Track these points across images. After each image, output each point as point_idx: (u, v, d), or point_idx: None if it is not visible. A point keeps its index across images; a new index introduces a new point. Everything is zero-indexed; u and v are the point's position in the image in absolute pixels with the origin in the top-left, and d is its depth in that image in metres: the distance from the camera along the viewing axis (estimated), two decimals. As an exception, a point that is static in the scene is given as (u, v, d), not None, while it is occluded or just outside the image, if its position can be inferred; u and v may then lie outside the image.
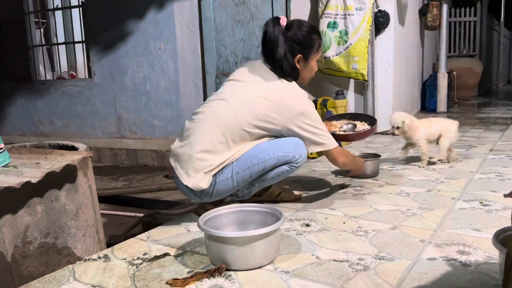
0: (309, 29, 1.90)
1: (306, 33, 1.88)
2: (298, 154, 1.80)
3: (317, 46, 1.93)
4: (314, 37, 1.91)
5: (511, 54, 14.84)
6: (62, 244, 1.68)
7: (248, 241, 1.35)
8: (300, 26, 1.89)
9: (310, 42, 1.89)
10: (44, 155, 1.79)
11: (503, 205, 1.93)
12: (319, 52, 1.96)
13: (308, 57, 1.90)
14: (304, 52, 1.88)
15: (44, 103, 5.79)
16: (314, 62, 1.95)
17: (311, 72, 1.97)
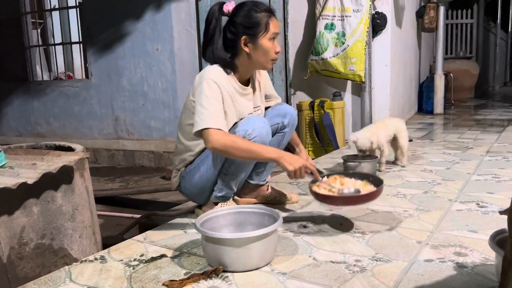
0: (254, 8, 1.76)
1: (249, 12, 1.75)
2: (248, 127, 1.72)
3: (264, 24, 1.75)
4: (258, 15, 1.75)
5: (508, 56, 14.90)
6: (59, 245, 1.67)
7: (245, 242, 1.34)
8: (241, 6, 1.78)
9: (254, 20, 1.74)
10: (41, 156, 1.79)
11: (499, 206, 1.94)
12: (269, 31, 1.76)
13: (255, 37, 1.75)
14: (249, 32, 1.75)
15: (40, 104, 5.77)
16: (266, 41, 1.76)
17: (267, 53, 1.78)
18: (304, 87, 4.41)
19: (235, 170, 1.80)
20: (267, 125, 1.79)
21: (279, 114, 1.95)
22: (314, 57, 4.05)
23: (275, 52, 1.81)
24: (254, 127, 1.72)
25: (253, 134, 1.71)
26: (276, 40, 1.81)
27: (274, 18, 1.80)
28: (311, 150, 4.04)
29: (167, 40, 4.82)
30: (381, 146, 2.64)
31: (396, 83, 4.73)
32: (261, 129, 1.73)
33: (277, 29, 1.80)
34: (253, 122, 1.75)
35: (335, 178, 1.77)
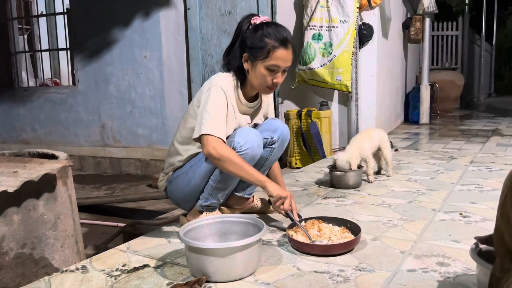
0: (268, 31, 1.71)
1: (261, 33, 1.71)
2: (240, 139, 1.71)
3: (266, 51, 1.70)
4: (267, 40, 1.70)
5: (492, 68, 15.17)
6: (40, 255, 1.65)
7: (229, 252, 1.34)
8: (262, 25, 1.75)
9: (259, 44, 1.71)
10: (23, 164, 1.76)
11: (482, 216, 1.96)
12: (269, 59, 1.71)
13: (255, 59, 1.73)
14: (251, 52, 1.73)
15: (26, 110, 5.71)
16: (262, 68, 1.73)
17: (260, 79, 1.75)
18: (291, 96, 4.43)
19: (224, 181, 1.78)
20: (260, 138, 1.78)
21: (269, 128, 1.91)
22: (301, 67, 4.07)
23: (271, 82, 1.76)
24: (247, 139, 1.72)
25: (245, 146, 1.71)
26: (280, 72, 1.75)
27: (283, 50, 1.71)
28: (298, 159, 4.05)
29: (155, 47, 4.82)
30: (366, 158, 2.66)
31: (382, 93, 4.78)
32: (253, 142, 1.73)
33: (281, 62, 1.72)
34: (246, 134, 1.74)
35: (313, 223, 1.77)
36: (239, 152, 1.70)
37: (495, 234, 1.02)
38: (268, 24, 1.75)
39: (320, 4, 3.95)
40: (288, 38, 1.74)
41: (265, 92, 1.85)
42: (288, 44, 1.73)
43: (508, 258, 0.97)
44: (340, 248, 1.57)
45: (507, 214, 0.96)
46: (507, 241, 0.97)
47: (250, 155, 1.72)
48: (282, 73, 1.77)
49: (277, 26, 1.76)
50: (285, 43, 1.72)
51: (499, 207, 1.00)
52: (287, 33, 1.75)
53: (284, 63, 1.74)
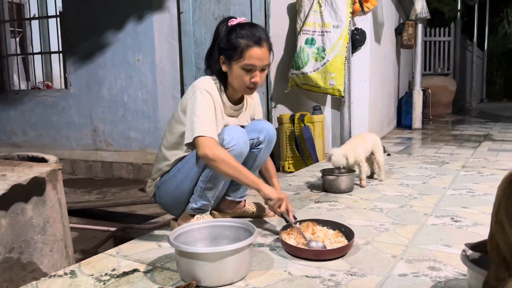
0: (241, 32, 1.71)
1: (234, 35, 1.72)
2: (226, 136, 1.71)
3: (240, 51, 1.70)
4: (240, 40, 1.70)
5: (484, 74, 15.31)
6: (28, 259, 1.62)
7: (219, 257, 1.32)
8: (238, 26, 1.74)
9: (233, 45, 1.71)
10: (11, 167, 1.74)
11: (473, 221, 1.96)
12: (243, 60, 1.70)
13: (230, 60, 1.74)
14: (227, 54, 1.74)
15: (17, 113, 5.66)
16: (238, 69, 1.72)
17: (238, 80, 1.75)
18: (284, 100, 4.43)
19: (213, 180, 1.77)
20: (246, 135, 1.79)
21: (255, 129, 1.89)
22: (294, 71, 4.08)
23: (250, 81, 1.75)
24: (232, 137, 1.72)
25: (231, 142, 1.71)
26: (257, 71, 1.74)
27: (256, 48, 1.70)
28: (291, 163, 4.04)
29: (148, 51, 4.80)
30: (360, 162, 2.65)
31: (375, 98, 4.80)
32: (239, 139, 1.73)
33: (256, 61, 1.71)
34: (231, 132, 1.74)
35: (308, 225, 1.78)
36: (226, 147, 1.70)
37: (489, 241, 1.02)
38: (242, 25, 1.75)
39: (313, 9, 3.96)
40: (262, 37, 1.72)
41: (246, 93, 1.83)
42: (262, 42, 1.72)
43: (503, 267, 0.96)
44: (333, 253, 1.56)
45: (501, 222, 0.95)
46: (502, 249, 0.96)
47: (237, 151, 1.71)
48: (260, 72, 1.75)
49: (251, 26, 1.75)
50: (258, 41, 1.71)
51: (493, 214, 0.99)
52: (261, 32, 1.73)
53: (260, 62, 1.72)
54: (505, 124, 6.92)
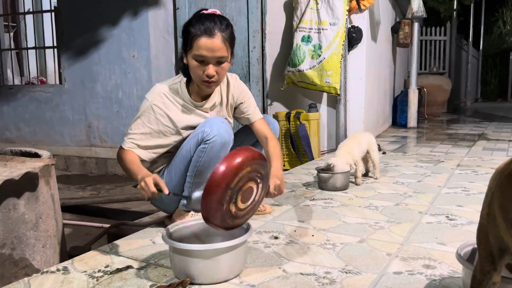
0: (193, 22, 1.65)
1: (187, 24, 1.67)
2: (206, 128, 1.69)
3: (190, 41, 1.64)
4: (190, 29, 1.64)
5: (479, 73, 15.37)
6: (20, 256, 1.60)
7: (213, 254, 1.31)
8: (196, 16, 1.69)
9: (185, 34, 1.67)
10: (4, 162, 1.72)
11: (468, 219, 1.97)
12: (193, 49, 1.64)
13: (185, 52, 1.70)
14: (183, 44, 1.71)
15: (10, 109, 5.61)
16: (190, 60, 1.67)
17: (192, 72, 1.70)
18: (280, 98, 4.42)
19: (199, 174, 1.76)
20: (227, 124, 1.74)
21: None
22: (290, 69, 4.07)
23: (203, 74, 1.67)
24: (212, 127, 1.69)
25: (211, 134, 1.68)
26: (210, 64, 1.66)
27: (205, 38, 1.61)
28: (286, 160, 4.04)
29: (143, 47, 4.77)
30: (356, 162, 2.65)
31: (370, 96, 4.80)
32: (219, 129, 1.69)
33: (205, 51, 1.62)
34: (211, 123, 1.72)
35: None
36: (207, 141, 1.68)
37: (478, 234, 1.01)
38: (199, 15, 1.68)
39: (310, 6, 3.95)
40: (215, 26, 1.63)
41: (204, 87, 1.74)
42: (213, 32, 1.62)
43: (489, 260, 0.96)
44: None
45: (493, 214, 0.94)
46: (492, 242, 0.96)
47: (219, 142, 1.68)
48: (216, 64, 1.66)
49: (208, 16, 1.66)
50: (208, 31, 1.62)
51: (484, 207, 0.98)
52: (215, 22, 1.64)
53: (210, 53, 1.63)
54: (499, 124, 6.95)
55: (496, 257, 0.94)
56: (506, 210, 0.90)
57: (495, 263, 0.94)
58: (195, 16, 1.68)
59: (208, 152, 1.70)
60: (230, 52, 1.70)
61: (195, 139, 1.73)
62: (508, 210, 0.90)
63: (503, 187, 0.92)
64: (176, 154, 1.80)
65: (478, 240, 1.01)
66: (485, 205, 0.98)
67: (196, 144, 1.72)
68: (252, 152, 1.33)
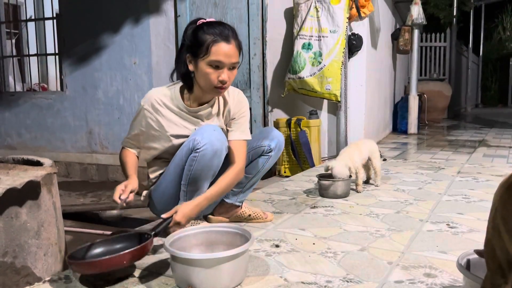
0: (208, 29, 1.67)
1: (202, 31, 1.67)
2: (197, 136, 1.70)
3: (206, 47, 1.64)
4: (204, 36, 1.65)
5: (479, 79, 15.40)
6: (21, 264, 1.61)
7: (215, 263, 1.32)
8: (205, 25, 1.70)
9: (200, 40, 1.66)
10: (6, 170, 1.72)
11: (469, 227, 1.97)
12: (209, 55, 1.64)
13: (196, 57, 1.68)
14: (192, 51, 1.69)
15: (12, 115, 5.63)
16: (204, 66, 1.67)
17: (204, 78, 1.69)
18: (281, 104, 4.43)
19: (193, 182, 1.76)
20: (219, 132, 1.73)
21: (266, 137, 1.95)
22: (291, 76, 4.08)
23: (217, 80, 1.68)
24: (203, 135, 1.70)
25: (202, 142, 1.68)
26: (225, 69, 1.68)
27: (223, 44, 1.65)
28: (287, 167, 4.04)
29: (144, 54, 4.80)
30: (357, 169, 2.66)
31: (371, 103, 4.81)
32: (211, 137, 1.69)
33: (223, 57, 1.65)
34: (202, 130, 1.73)
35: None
36: (197, 149, 1.68)
37: (486, 247, 1.01)
38: (209, 23, 1.70)
39: (310, 14, 3.98)
40: (230, 35, 1.68)
41: (214, 93, 1.76)
42: (230, 39, 1.67)
43: (499, 273, 0.96)
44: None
45: (497, 228, 0.94)
46: (499, 256, 0.95)
47: (210, 150, 1.68)
48: (229, 70, 1.69)
49: (220, 23, 1.71)
50: (226, 37, 1.66)
51: (490, 220, 0.99)
52: (229, 30, 1.69)
53: (227, 59, 1.66)
54: (500, 130, 6.95)
55: (506, 270, 0.94)
56: (508, 222, 0.91)
57: (506, 276, 0.95)
58: (206, 24, 1.70)
59: (199, 160, 1.70)
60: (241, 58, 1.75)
61: (187, 147, 1.74)
62: (509, 221, 0.91)
63: (504, 200, 0.93)
64: (171, 162, 1.83)
65: (486, 254, 1.01)
66: (490, 218, 0.99)
67: (187, 152, 1.73)
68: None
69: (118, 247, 1.57)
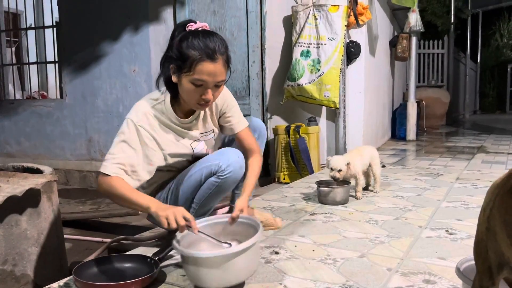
0: (193, 42, 1.53)
1: (186, 44, 1.54)
2: (222, 162, 1.67)
3: (189, 64, 1.52)
4: (193, 52, 1.52)
5: (477, 86, 15.46)
6: (21, 272, 1.61)
7: (224, 260, 1.32)
8: (191, 34, 1.56)
9: (183, 55, 1.53)
10: (6, 178, 1.73)
11: (467, 233, 1.97)
12: (193, 73, 1.53)
13: (179, 72, 1.56)
14: (177, 64, 1.57)
15: (11, 123, 5.63)
16: (186, 82, 1.56)
17: (187, 94, 1.59)
18: (280, 111, 4.45)
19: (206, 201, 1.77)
20: (242, 159, 1.75)
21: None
22: (290, 83, 4.11)
23: (201, 98, 1.59)
24: (229, 162, 1.69)
25: (227, 170, 1.68)
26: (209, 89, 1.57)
27: (208, 63, 1.52)
28: (286, 174, 4.05)
29: (144, 62, 4.81)
30: (357, 174, 2.66)
31: (369, 110, 4.83)
32: (235, 164, 1.70)
33: (207, 77, 1.53)
34: (227, 157, 1.70)
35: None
36: (220, 175, 1.68)
37: (476, 249, 1.01)
38: (195, 34, 1.56)
39: (309, 22, 4.01)
40: (217, 49, 1.54)
41: (197, 109, 1.69)
42: (216, 56, 1.53)
43: (487, 275, 0.96)
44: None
45: (493, 229, 0.94)
46: (491, 258, 0.95)
47: (232, 178, 1.69)
48: (214, 88, 1.59)
49: (207, 35, 1.56)
50: (211, 55, 1.52)
51: (483, 221, 0.98)
52: (216, 44, 1.54)
53: (211, 78, 1.55)
54: (498, 136, 6.97)
55: (495, 272, 0.94)
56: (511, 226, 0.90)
57: (493, 279, 0.95)
58: (192, 34, 1.56)
59: (219, 186, 1.72)
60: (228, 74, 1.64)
61: (208, 170, 1.70)
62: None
63: (506, 203, 0.90)
64: (185, 178, 1.77)
65: (476, 255, 1.01)
66: (483, 219, 0.98)
67: (208, 174, 1.70)
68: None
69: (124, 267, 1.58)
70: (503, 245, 0.91)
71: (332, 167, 2.54)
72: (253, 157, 1.85)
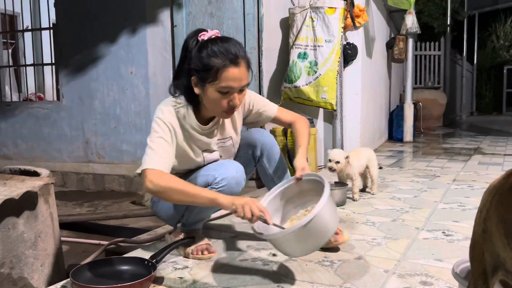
0: (214, 50, 1.53)
1: (206, 53, 1.53)
2: (218, 174, 1.62)
3: (214, 72, 1.52)
4: (214, 60, 1.52)
5: (473, 87, 15.52)
6: (18, 275, 1.61)
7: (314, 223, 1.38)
8: (210, 42, 1.56)
9: (207, 65, 1.53)
10: (3, 181, 1.73)
11: (464, 235, 1.98)
12: (219, 81, 1.53)
13: (203, 83, 1.56)
14: (198, 76, 1.56)
15: (8, 125, 5.62)
16: (213, 92, 1.55)
17: (213, 103, 1.59)
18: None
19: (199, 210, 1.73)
20: (240, 174, 1.66)
21: (250, 144, 1.88)
22: (287, 85, 4.11)
23: (227, 105, 1.58)
24: (225, 175, 1.61)
25: (221, 183, 1.61)
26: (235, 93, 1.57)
27: (233, 68, 1.53)
28: (283, 176, 4.05)
29: (141, 64, 4.81)
30: (354, 176, 2.67)
31: (366, 111, 4.84)
32: (231, 180, 1.61)
33: (233, 82, 1.53)
34: (225, 170, 1.64)
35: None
36: (213, 187, 1.60)
37: (472, 251, 1.01)
38: (213, 41, 1.56)
39: (306, 24, 4.02)
40: (239, 54, 1.54)
41: (222, 117, 1.69)
42: (239, 61, 1.54)
43: (481, 278, 0.96)
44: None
45: (490, 231, 0.93)
46: (487, 260, 0.95)
47: (225, 192, 1.57)
48: (239, 92, 1.59)
49: (225, 41, 1.57)
50: (235, 60, 1.53)
51: (479, 223, 0.97)
52: (236, 49, 1.55)
53: (238, 83, 1.55)
54: (494, 138, 7.00)
55: (490, 274, 0.95)
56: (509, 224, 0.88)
57: (488, 282, 0.95)
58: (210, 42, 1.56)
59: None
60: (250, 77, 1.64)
61: (204, 179, 1.65)
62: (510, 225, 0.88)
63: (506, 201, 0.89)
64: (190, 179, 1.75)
65: (471, 258, 1.01)
66: (479, 221, 0.97)
67: (202, 184, 1.64)
68: None
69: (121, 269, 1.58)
70: (498, 245, 0.91)
71: (330, 158, 2.56)
72: (297, 123, 1.91)
